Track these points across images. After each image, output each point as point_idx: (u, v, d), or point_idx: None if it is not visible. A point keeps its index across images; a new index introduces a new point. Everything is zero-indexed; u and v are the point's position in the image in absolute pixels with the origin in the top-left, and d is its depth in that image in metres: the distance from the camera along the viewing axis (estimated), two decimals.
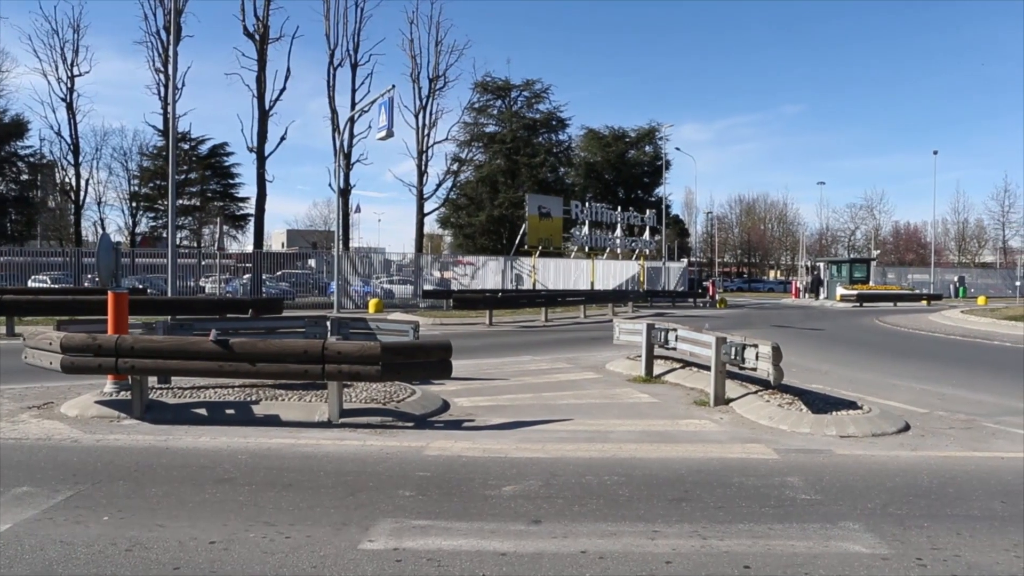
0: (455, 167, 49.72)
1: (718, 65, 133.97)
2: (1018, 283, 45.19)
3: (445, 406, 8.99)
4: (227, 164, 51.62)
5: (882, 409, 8.72)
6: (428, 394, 9.32)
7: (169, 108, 18.00)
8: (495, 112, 54.76)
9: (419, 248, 43.61)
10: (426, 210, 44.43)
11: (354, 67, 38.59)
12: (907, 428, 8.01)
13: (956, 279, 61.16)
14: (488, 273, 37.37)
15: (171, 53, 22.69)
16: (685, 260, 54.89)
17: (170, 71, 18.28)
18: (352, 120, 36.03)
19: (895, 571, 4.05)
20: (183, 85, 32.24)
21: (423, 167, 42.34)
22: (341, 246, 30.82)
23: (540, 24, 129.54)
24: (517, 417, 8.39)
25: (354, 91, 38.77)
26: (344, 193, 37.57)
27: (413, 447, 6.91)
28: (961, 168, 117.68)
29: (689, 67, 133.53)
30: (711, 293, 42.19)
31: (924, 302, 44.46)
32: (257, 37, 34.03)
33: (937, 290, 54.03)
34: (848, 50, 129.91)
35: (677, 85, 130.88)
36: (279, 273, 35.33)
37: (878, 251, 73.89)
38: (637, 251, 41.83)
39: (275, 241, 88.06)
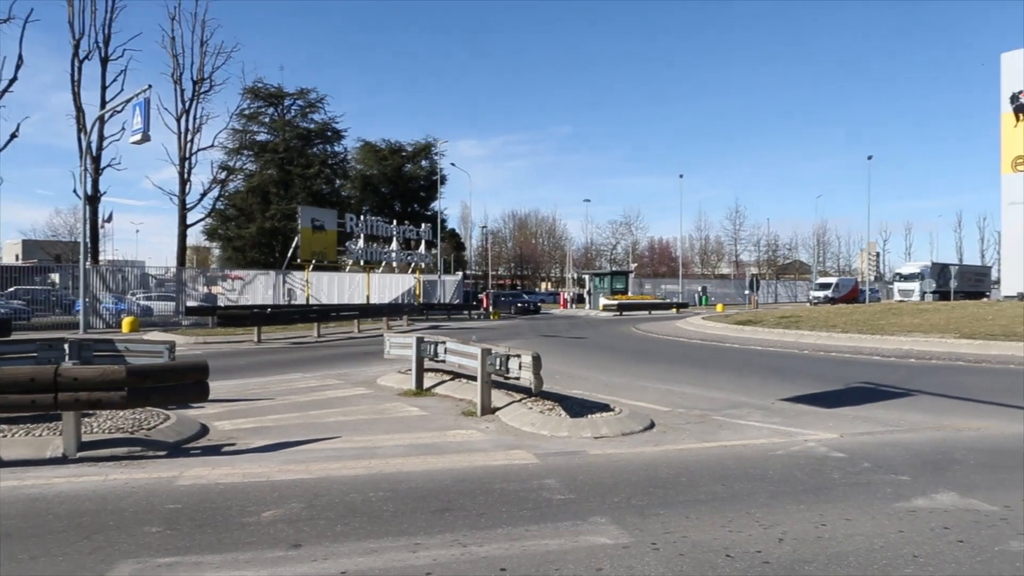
0: (223, 176, 46.96)
1: (492, 84, 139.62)
2: (747, 292, 51.56)
3: (204, 431, 8.44)
4: None
5: (632, 410, 9.52)
6: (185, 419, 8.69)
7: None
8: (267, 120, 52.56)
9: (182, 262, 40.50)
10: (190, 221, 41.43)
11: (104, 61, 35.01)
12: (652, 426, 8.81)
13: (700, 289, 68.61)
14: (259, 288, 35.67)
15: None
16: (461, 273, 56.14)
17: None
18: (102, 120, 32.68)
19: (633, 557, 4.43)
20: None
21: (186, 175, 39.48)
22: (89, 259, 27.81)
23: (314, 32, 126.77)
24: (282, 438, 8.07)
25: (105, 88, 35.16)
26: (92, 200, 33.93)
27: (164, 478, 6.39)
28: (703, 190, 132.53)
29: (465, 84, 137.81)
30: (485, 305, 43.55)
31: (674, 310, 49.29)
32: None
33: (685, 299, 60.25)
34: (609, 76, 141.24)
35: (453, 101, 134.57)
36: (12, 289, 31.04)
37: (636, 264, 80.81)
38: (413, 264, 42.08)
39: (8, 253, 77.60)
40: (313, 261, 34.59)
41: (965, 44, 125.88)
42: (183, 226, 40.26)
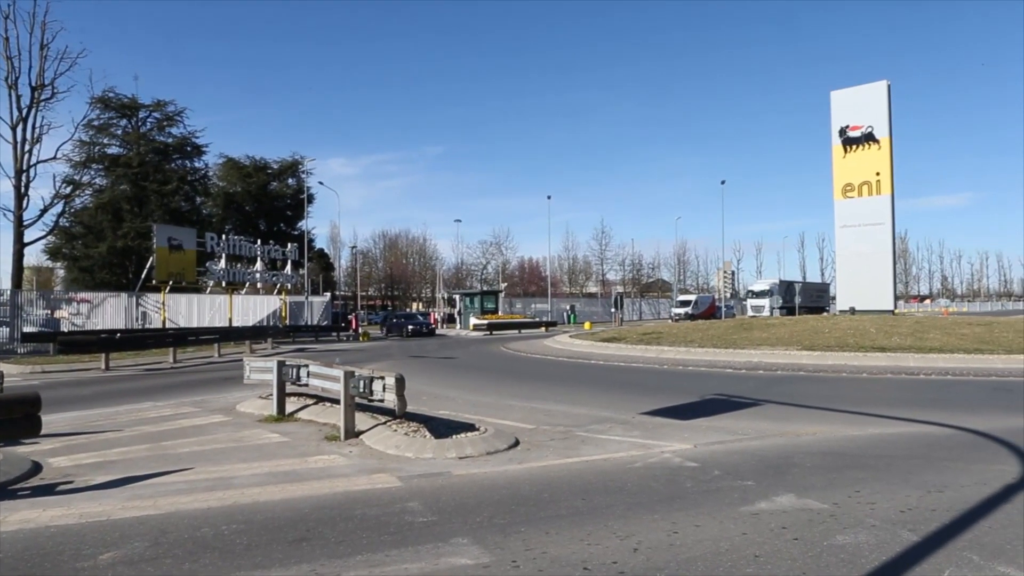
0: (67, 190, 43.56)
1: (362, 101, 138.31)
2: (613, 310, 53.35)
3: (36, 468, 7.75)
4: None
5: (497, 429, 9.58)
6: (13, 457, 7.97)
7: None
8: (119, 132, 49.27)
9: (18, 283, 37.04)
10: (28, 239, 38.01)
11: None
12: (516, 444, 8.91)
13: (569, 307, 70.21)
14: (108, 311, 33.29)
15: None
16: (329, 294, 54.81)
17: None
18: None
19: None
20: None
21: (23, 189, 36.26)
22: None
23: (171, 42, 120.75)
24: (128, 472, 7.55)
25: None
26: None
27: None
28: (570, 211, 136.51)
29: (334, 100, 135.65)
30: (354, 327, 42.73)
31: (543, 329, 50.21)
32: None
33: (554, 318, 61.47)
34: (480, 96, 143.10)
35: (323, 118, 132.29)
36: None
37: (506, 284, 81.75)
38: (279, 285, 40.69)
39: None
40: (170, 282, 32.77)
41: (802, 81, 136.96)
42: (19, 244, 36.94)
